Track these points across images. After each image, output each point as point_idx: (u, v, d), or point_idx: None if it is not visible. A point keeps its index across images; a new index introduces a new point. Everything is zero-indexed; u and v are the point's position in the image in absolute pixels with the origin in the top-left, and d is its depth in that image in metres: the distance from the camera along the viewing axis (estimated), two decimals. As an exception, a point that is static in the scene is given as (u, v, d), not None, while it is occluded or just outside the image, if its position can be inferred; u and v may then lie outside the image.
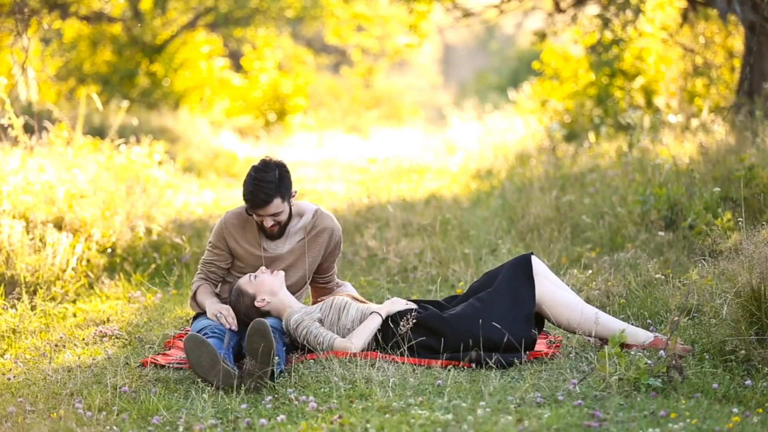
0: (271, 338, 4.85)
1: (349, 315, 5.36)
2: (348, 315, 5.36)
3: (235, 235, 5.64)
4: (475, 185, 11.01)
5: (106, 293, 7.10)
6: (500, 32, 37.55)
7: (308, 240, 5.69)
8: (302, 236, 5.69)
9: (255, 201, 5.46)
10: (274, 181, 5.44)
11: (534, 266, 5.38)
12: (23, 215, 7.48)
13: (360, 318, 5.34)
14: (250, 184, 5.45)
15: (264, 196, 5.44)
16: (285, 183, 5.49)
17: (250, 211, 5.53)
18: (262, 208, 5.48)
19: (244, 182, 5.50)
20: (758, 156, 7.79)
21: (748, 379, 4.73)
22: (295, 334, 5.33)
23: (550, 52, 14.39)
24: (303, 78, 20.20)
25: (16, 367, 5.33)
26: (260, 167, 5.48)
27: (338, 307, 5.38)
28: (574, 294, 5.44)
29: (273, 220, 5.53)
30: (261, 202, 5.45)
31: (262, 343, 4.83)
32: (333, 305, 5.39)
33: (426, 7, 13.73)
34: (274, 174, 5.46)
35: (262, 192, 5.43)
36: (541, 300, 5.32)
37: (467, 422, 4.28)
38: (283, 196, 5.48)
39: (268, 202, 5.45)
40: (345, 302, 5.39)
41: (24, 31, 8.89)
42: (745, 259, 5.35)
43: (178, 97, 17.98)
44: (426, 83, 33.17)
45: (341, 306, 5.38)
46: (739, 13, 9.94)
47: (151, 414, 4.59)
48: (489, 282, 5.44)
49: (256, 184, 5.43)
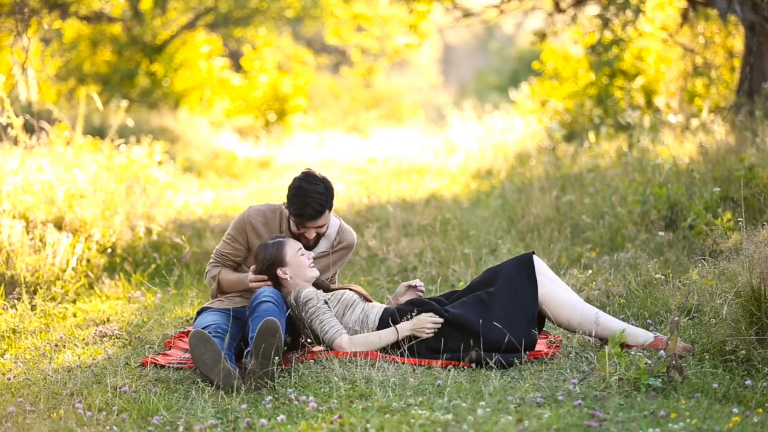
0: (281, 340, 4.86)
1: (354, 314, 5.35)
2: (353, 314, 5.35)
3: (257, 231, 5.62)
4: (475, 185, 11.01)
5: (106, 293, 7.10)
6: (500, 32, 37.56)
7: (333, 254, 5.71)
8: (325, 249, 5.68)
9: (306, 214, 5.38)
10: (324, 192, 5.41)
11: (536, 266, 5.38)
12: (23, 215, 7.48)
13: (362, 320, 5.33)
14: (301, 197, 5.37)
15: (317, 207, 5.38)
16: (331, 194, 5.48)
17: (299, 224, 5.44)
18: (313, 221, 5.42)
19: (293, 195, 5.40)
20: (758, 156, 7.79)
21: (748, 379, 4.73)
22: (301, 308, 5.29)
23: (550, 52, 14.38)
24: (303, 78, 20.20)
25: (16, 367, 5.33)
26: (308, 180, 5.41)
27: (346, 303, 5.37)
28: (574, 294, 5.44)
29: (317, 231, 5.51)
30: (313, 214, 5.40)
31: (272, 342, 4.83)
32: (342, 299, 5.37)
33: (426, 7, 13.73)
34: (323, 186, 5.42)
35: (314, 204, 5.37)
36: (542, 299, 5.32)
37: (467, 422, 4.28)
38: (330, 208, 5.47)
39: (320, 213, 5.41)
40: (353, 300, 5.38)
41: (24, 31, 8.90)
42: (745, 259, 5.35)
43: (178, 97, 17.98)
44: (426, 83, 33.18)
45: (349, 303, 5.37)
46: (739, 13, 9.94)
47: (151, 414, 4.59)
48: (490, 279, 5.42)
49: (309, 197, 5.37)
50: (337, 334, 5.25)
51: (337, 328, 5.25)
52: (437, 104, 29.25)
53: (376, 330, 5.31)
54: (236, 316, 5.52)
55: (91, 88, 16.52)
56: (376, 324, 5.33)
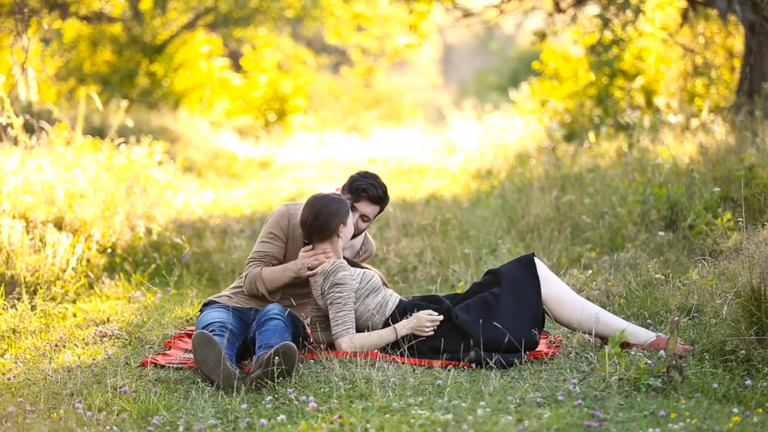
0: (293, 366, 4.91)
1: (376, 299, 5.38)
2: (375, 298, 5.38)
3: (296, 227, 5.63)
4: (475, 185, 11.01)
5: (106, 293, 7.10)
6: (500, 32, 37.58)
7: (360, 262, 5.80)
8: (351, 256, 5.79)
9: (373, 192, 5.62)
10: (386, 189, 5.71)
11: (538, 268, 5.39)
12: (23, 215, 7.48)
13: (381, 306, 5.36)
14: (371, 178, 5.67)
15: (381, 192, 5.66)
16: (386, 200, 5.75)
17: (357, 200, 5.62)
18: (371, 203, 5.64)
19: (362, 175, 5.67)
20: (758, 156, 7.79)
21: (748, 379, 4.73)
22: (329, 287, 5.31)
23: (550, 52, 14.38)
24: (303, 78, 20.20)
25: (16, 367, 5.33)
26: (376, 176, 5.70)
27: (372, 287, 5.40)
28: (575, 293, 5.45)
29: (360, 222, 5.67)
30: (376, 198, 5.64)
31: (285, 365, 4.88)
32: (370, 282, 5.40)
33: (426, 7, 13.72)
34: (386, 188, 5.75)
35: (381, 189, 5.66)
36: (545, 299, 5.33)
37: (467, 422, 4.28)
38: (381, 209, 5.75)
39: (379, 201, 5.67)
40: (378, 285, 5.41)
41: (24, 31, 8.90)
42: (746, 259, 5.35)
43: (177, 97, 17.98)
44: (426, 83, 33.17)
45: (374, 287, 5.40)
46: (739, 13, 9.94)
47: (151, 414, 4.59)
48: (492, 282, 5.44)
49: (376, 181, 5.67)
50: (344, 332, 5.25)
51: (345, 326, 5.26)
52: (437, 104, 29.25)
53: (388, 318, 5.35)
54: (240, 317, 5.52)
55: (91, 88, 16.52)
56: (391, 312, 5.37)
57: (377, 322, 5.36)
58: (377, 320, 5.37)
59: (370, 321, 5.36)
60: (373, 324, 5.36)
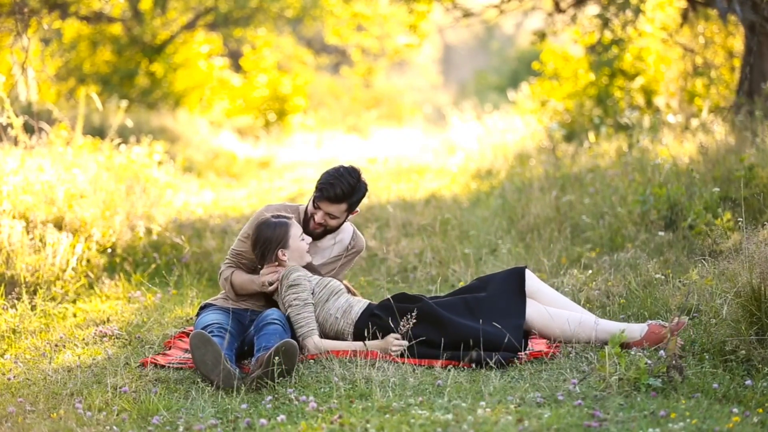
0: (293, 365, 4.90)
1: (338, 302, 5.41)
2: (337, 301, 5.40)
3: None
4: (475, 185, 11.01)
5: (106, 293, 7.10)
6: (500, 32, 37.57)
7: (346, 258, 5.81)
8: (339, 253, 5.78)
9: (327, 192, 5.52)
10: (353, 186, 5.56)
11: (527, 283, 5.41)
12: (23, 215, 7.48)
13: (345, 309, 5.36)
14: (332, 176, 5.54)
15: (339, 192, 5.53)
16: (358, 196, 5.61)
17: (316, 200, 5.56)
18: (329, 203, 5.55)
19: (327, 173, 5.58)
20: (758, 156, 7.79)
21: (748, 379, 4.73)
22: (285, 290, 5.35)
23: (550, 52, 14.38)
24: (303, 78, 20.20)
25: (16, 367, 5.33)
26: (349, 170, 5.59)
27: (331, 290, 5.43)
28: (566, 302, 5.46)
29: (325, 220, 5.60)
30: (333, 196, 5.54)
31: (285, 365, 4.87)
32: (327, 286, 5.44)
33: (426, 7, 13.72)
34: (356, 182, 5.58)
35: (339, 188, 5.52)
36: (531, 322, 5.35)
37: (467, 422, 4.28)
38: (350, 206, 5.61)
39: (339, 199, 5.55)
40: (339, 288, 5.45)
41: (24, 31, 8.89)
42: (745, 259, 5.35)
43: (177, 97, 17.98)
44: (426, 83, 33.17)
45: (334, 290, 5.43)
46: (739, 13, 9.93)
47: (151, 414, 4.59)
48: (478, 287, 5.48)
49: (339, 180, 5.53)
50: (308, 333, 5.29)
51: (309, 327, 5.30)
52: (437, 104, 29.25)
53: (355, 322, 5.35)
54: (237, 318, 5.53)
55: (91, 88, 16.51)
56: (358, 316, 5.38)
57: (343, 327, 5.38)
58: (343, 325, 5.38)
59: (336, 326, 5.38)
60: (339, 329, 5.38)
